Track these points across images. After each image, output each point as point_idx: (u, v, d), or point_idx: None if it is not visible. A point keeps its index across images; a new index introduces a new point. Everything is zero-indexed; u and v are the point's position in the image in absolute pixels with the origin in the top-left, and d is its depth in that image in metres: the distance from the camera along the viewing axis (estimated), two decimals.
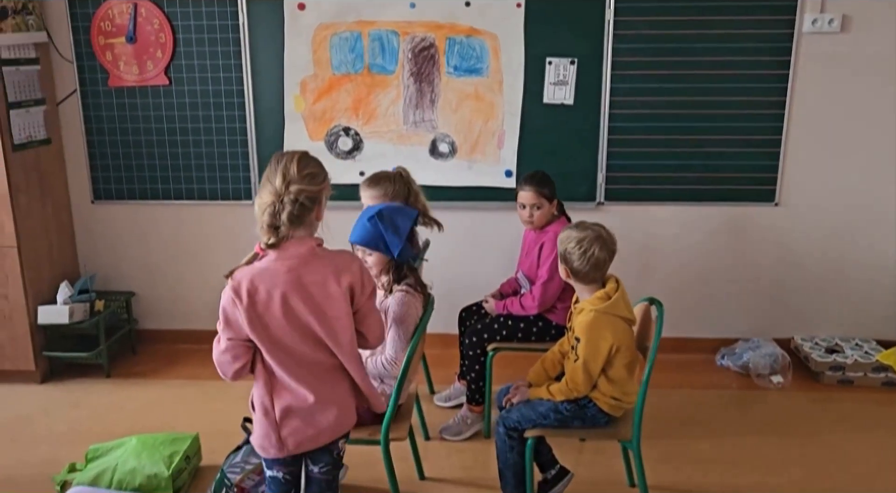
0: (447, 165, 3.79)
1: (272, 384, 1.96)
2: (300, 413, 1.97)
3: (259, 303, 1.87)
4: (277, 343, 1.91)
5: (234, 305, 1.87)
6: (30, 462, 3.00)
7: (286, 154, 1.91)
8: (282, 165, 1.88)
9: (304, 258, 1.91)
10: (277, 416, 1.96)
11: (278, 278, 1.88)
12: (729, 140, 3.69)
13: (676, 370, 3.78)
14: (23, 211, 3.56)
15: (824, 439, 3.16)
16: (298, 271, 1.90)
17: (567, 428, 2.45)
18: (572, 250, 2.39)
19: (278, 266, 1.89)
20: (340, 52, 3.68)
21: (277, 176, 1.86)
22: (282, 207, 1.85)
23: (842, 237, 3.81)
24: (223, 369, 1.97)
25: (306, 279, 1.90)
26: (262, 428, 1.98)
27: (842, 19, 3.52)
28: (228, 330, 1.91)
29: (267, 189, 1.88)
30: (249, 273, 1.88)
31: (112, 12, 3.70)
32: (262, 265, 1.90)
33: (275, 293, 1.88)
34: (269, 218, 1.86)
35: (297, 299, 1.89)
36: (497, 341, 3.10)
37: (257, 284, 1.87)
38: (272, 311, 1.88)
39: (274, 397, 1.96)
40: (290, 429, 1.97)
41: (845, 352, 3.70)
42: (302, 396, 1.96)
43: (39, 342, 3.67)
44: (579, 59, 3.63)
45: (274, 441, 1.98)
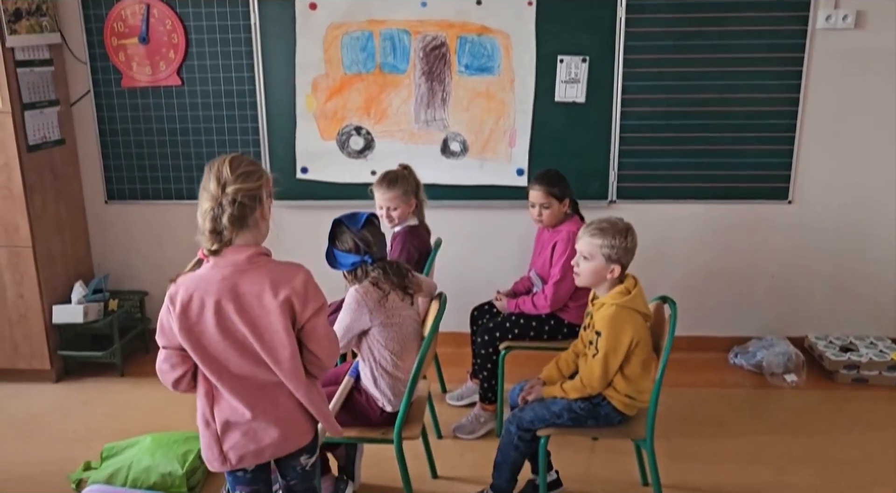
0: (458, 163, 3.79)
1: (213, 396, 1.88)
2: (239, 428, 1.89)
3: (192, 311, 1.80)
4: (210, 355, 1.83)
5: (167, 312, 1.82)
6: (45, 460, 3.02)
7: (217, 159, 1.85)
8: (214, 170, 1.82)
9: (241, 267, 1.83)
10: (218, 428, 1.89)
11: (212, 287, 1.80)
12: (742, 137, 3.67)
13: (689, 369, 3.76)
14: (37, 211, 3.59)
15: (839, 438, 3.14)
16: (233, 279, 1.81)
17: (581, 427, 2.45)
18: (629, 244, 2.37)
19: (214, 274, 1.82)
20: (352, 52, 3.69)
21: (212, 181, 1.80)
22: (221, 210, 1.79)
23: (856, 235, 3.78)
24: (163, 378, 1.91)
25: (241, 289, 1.82)
26: (204, 440, 1.92)
27: (856, 15, 3.49)
28: (162, 337, 1.86)
29: (204, 197, 1.82)
30: (186, 280, 1.82)
31: (125, 13, 3.72)
32: (199, 273, 1.84)
33: (208, 302, 1.80)
34: (211, 223, 1.80)
35: (231, 310, 1.81)
36: (509, 339, 3.10)
37: (191, 291, 1.80)
38: (205, 320, 1.80)
39: (214, 408, 1.88)
40: (231, 443, 1.89)
41: (860, 350, 3.68)
42: (240, 411, 1.87)
43: (54, 342, 3.70)
44: (591, 57, 3.62)
45: (217, 454, 1.91)
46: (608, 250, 2.37)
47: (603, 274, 2.40)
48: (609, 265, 2.39)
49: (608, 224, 2.40)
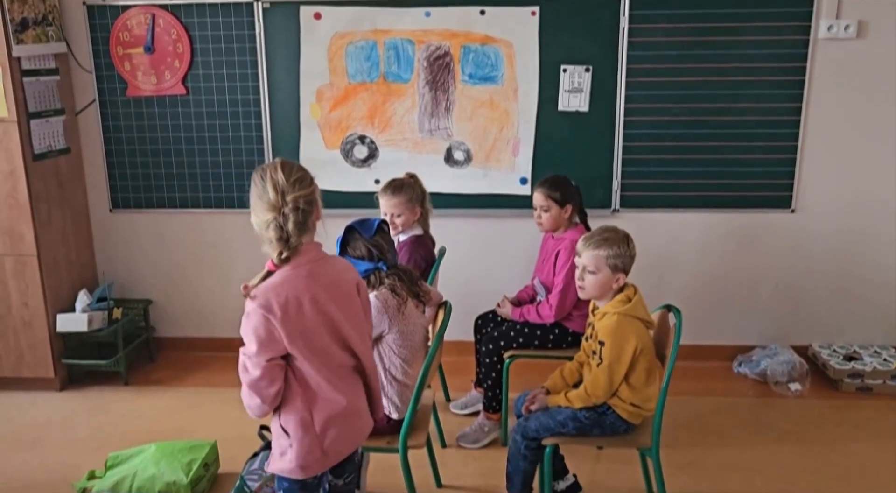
0: (462, 172, 3.80)
1: (308, 398, 1.91)
2: (337, 420, 1.94)
3: (292, 313, 1.83)
4: (314, 349, 1.88)
5: (268, 322, 1.81)
6: (49, 469, 3.03)
7: (266, 167, 1.86)
8: (269, 179, 1.83)
9: (318, 261, 1.91)
10: (318, 428, 1.92)
11: (300, 284, 1.85)
12: (744, 146, 3.68)
13: (693, 378, 3.76)
14: (43, 220, 3.60)
15: (843, 447, 3.14)
16: (317, 273, 1.89)
17: (586, 436, 2.45)
18: (625, 253, 2.38)
19: (298, 273, 1.86)
20: (356, 61, 3.71)
21: (268, 190, 1.81)
22: (284, 219, 1.82)
23: (859, 243, 3.79)
24: (262, 396, 1.87)
25: (325, 280, 1.90)
26: (303, 446, 1.91)
27: (857, 25, 3.51)
28: (266, 351, 1.84)
29: (261, 207, 1.83)
30: (272, 288, 1.83)
31: (130, 23, 3.74)
32: (279, 278, 1.85)
33: (303, 299, 1.84)
34: (277, 232, 1.82)
35: (325, 300, 1.88)
36: (514, 348, 3.10)
37: (283, 295, 1.82)
38: (306, 317, 1.85)
39: (314, 410, 1.91)
40: (331, 438, 1.94)
41: (864, 359, 3.68)
42: (338, 401, 1.93)
43: (58, 350, 3.71)
44: (594, 66, 3.63)
45: (318, 456, 1.93)
46: (614, 259, 2.38)
47: (609, 285, 2.41)
48: (615, 275, 2.40)
49: (610, 234, 2.41)
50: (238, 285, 4.19)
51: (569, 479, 2.68)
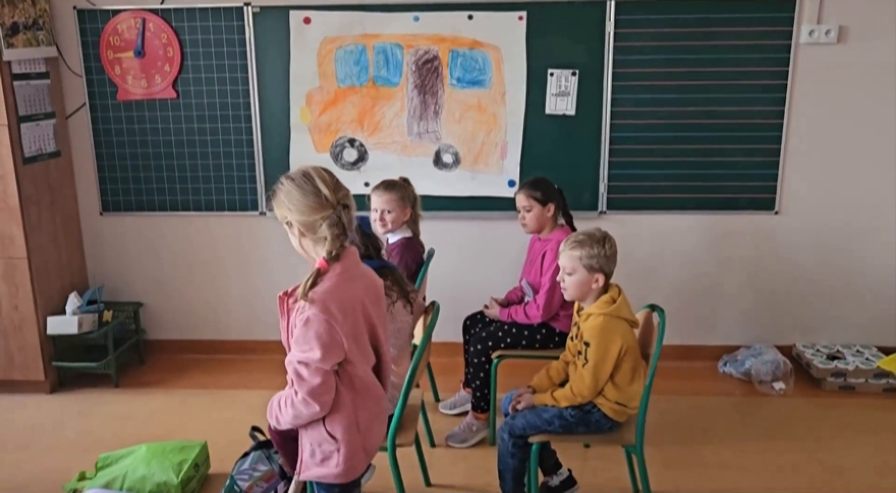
0: (451, 175, 3.84)
1: (355, 399, 1.93)
2: (378, 416, 2.03)
3: (348, 316, 1.85)
4: (362, 351, 1.92)
5: (331, 327, 1.81)
6: (40, 471, 3.04)
7: (303, 171, 1.88)
8: (320, 179, 1.85)
9: (358, 265, 1.96)
10: (363, 428, 1.96)
11: (352, 288, 1.88)
12: (729, 150, 3.74)
13: (679, 378, 3.81)
14: (33, 223, 3.61)
15: (826, 444, 3.19)
16: (359, 276, 1.94)
17: (571, 434, 2.49)
18: (608, 253, 2.41)
19: (346, 276, 1.87)
20: (346, 65, 3.74)
21: (324, 189, 1.84)
22: (337, 216, 1.85)
23: (842, 245, 3.85)
24: (321, 403, 1.86)
25: (365, 282, 1.96)
26: (350, 448, 1.93)
27: (838, 30, 3.57)
28: (331, 356, 1.83)
29: (312, 206, 1.84)
30: (329, 292, 1.83)
31: (121, 27, 3.76)
32: (332, 282, 1.85)
33: (356, 303, 1.89)
34: (334, 229, 1.84)
35: (368, 303, 1.93)
36: (501, 348, 3.14)
37: (339, 298, 1.83)
38: (357, 319, 1.89)
39: (359, 411, 1.94)
40: (373, 436, 2.01)
41: (846, 359, 3.74)
42: (379, 400, 2.00)
43: (49, 353, 3.72)
44: (581, 70, 3.68)
45: (362, 456, 1.98)
46: (588, 260, 2.42)
47: (588, 285, 2.45)
48: (592, 275, 2.43)
49: (584, 236, 2.46)
50: (227, 288, 4.23)
51: (563, 473, 2.72)
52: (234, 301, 4.11)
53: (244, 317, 4.13)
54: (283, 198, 1.87)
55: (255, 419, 3.03)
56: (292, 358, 1.85)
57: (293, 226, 1.89)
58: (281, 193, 1.88)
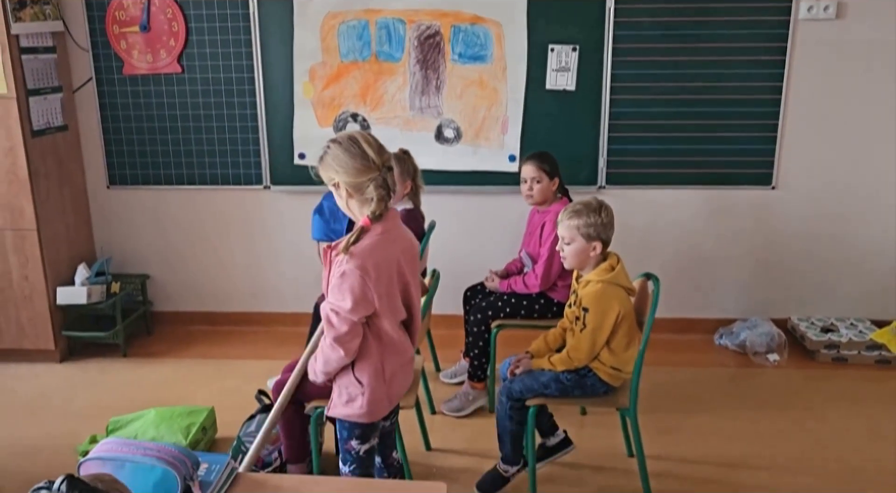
0: (452, 150, 3.89)
1: (382, 350, 2.06)
2: (402, 367, 2.15)
3: (382, 275, 1.96)
4: (392, 308, 2.03)
5: (364, 283, 1.93)
6: (52, 435, 3.13)
7: (348, 135, 1.98)
8: (364, 142, 1.96)
9: (399, 225, 2.08)
10: (388, 377, 2.09)
11: (389, 248, 1.99)
12: (727, 125, 3.78)
13: (676, 350, 3.88)
14: (42, 195, 3.68)
15: (819, 413, 3.26)
16: (398, 237, 2.05)
17: (567, 397, 2.56)
18: (604, 220, 2.47)
19: (385, 237, 1.99)
20: (348, 40, 3.78)
21: (370, 152, 1.95)
22: (385, 176, 1.97)
23: (837, 220, 3.90)
24: (346, 349, 1.99)
25: (403, 244, 2.07)
26: (374, 393, 2.07)
27: (836, 6, 3.60)
28: (360, 309, 1.95)
29: (359, 168, 1.95)
30: (368, 250, 1.94)
31: (126, 2, 3.80)
32: (372, 241, 1.96)
33: (391, 263, 2.00)
34: (381, 190, 1.96)
35: (404, 262, 2.05)
36: (501, 318, 3.21)
37: (376, 258, 1.95)
38: (391, 279, 2.00)
39: (385, 361, 2.07)
40: (396, 384, 2.14)
41: (840, 331, 3.80)
42: (405, 352, 2.13)
43: (58, 322, 3.80)
44: (581, 46, 3.72)
45: (385, 403, 2.12)
46: (585, 228, 2.48)
47: (587, 253, 2.51)
48: (590, 243, 2.50)
49: (581, 205, 2.52)
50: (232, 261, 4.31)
51: (559, 435, 2.80)
52: (238, 274, 4.19)
53: (248, 289, 4.20)
54: (331, 161, 1.98)
55: (259, 387, 3.12)
56: (325, 305, 1.99)
57: (340, 187, 2.00)
58: (328, 156, 1.99)
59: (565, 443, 2.80)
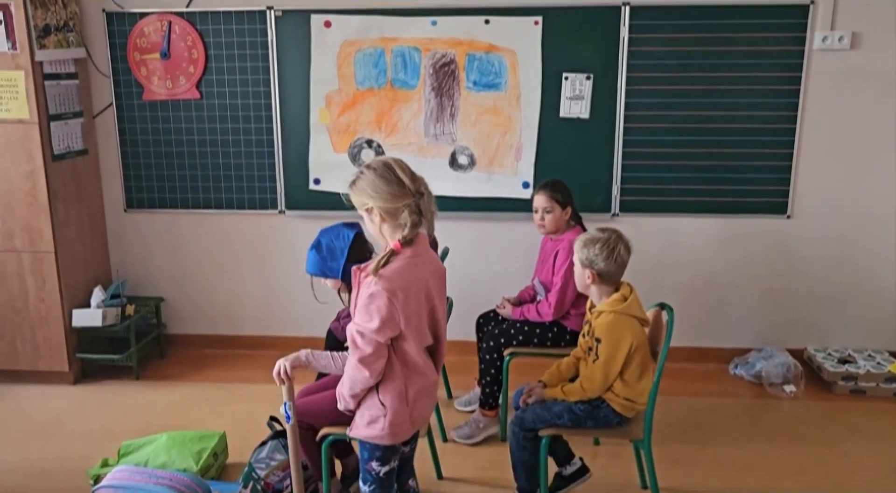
0: (466, 176, 3.91)
1: (407, 373, 2.08)
2: (426, 391, 2.16)
3: (410, 298, 2.00)
4: (418, 331, 2.07)
5: (391, 305, 1.96)
6: (64, 457, 3.14)
7: (391, 161, 2.03)
8: (399, 170, 2.00)
9: (427, 249, 2.11)
10: (411, 400, 2.11)
11: (418, 272, 2.03)
12: (742, 154, 3.78)
13: (690, 379, 3.84)
14: (60, 218, 3.72)
15: (836, 447, 3.21)
16: (427, 262, 2.09)
17: (580, 428, 2.54)
18: (598, 252, 2.48)
19: (415, 261, 2.02)
20: (364, 68, 3.82)
21: (406, 179, 1.99)
22: (418, 201, 2.00)
23: (853, 249, 3.87)
24: (371, 370, 2.02)
25: (431, 268, 2.10)
26: (397, 416, 2.09)
27: (851, 37, 3.60)
28: (386, 330, 1.99)
29: (395, 194, 1.98)
30: (397, 273, 1.98)
31: (147, 30, 3.88)
32: (401, 264, 2.00)
33: (420, 287, 2.04)
34: (416, 216, 2.00)
35: (432, 286, 2.09)
36: (513, 346, 3.19)
37: (405, 281, 1.99)
38: (418, 302, 2.04)
39: (409, 384, 2.09)
40: (419, 408, 2.15)
41: (858, 363, 3.75)
42: (430, 377, 2.14)
43: (73, 344, 3.82)
44: (595, 74, 3.74)
45: (407, 425, 2.13)
46: (580, 256, 2.54)
47: (583, 279, 2.55)
48: (584, 270, 2.53)
49: (587, 236, 2.56)
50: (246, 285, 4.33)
51: (575, 463, 2.76)
52: (252, 298, 4.20)
53: (262, 313, 4.22)
54: (366, 186, 2.02)
55: (271, 413, 3.11)
56: (352, 326, 2.02)
57: (374, 212, 2.03)
58: (363, 181, 2.02)
59: (582, 471, 2.77)
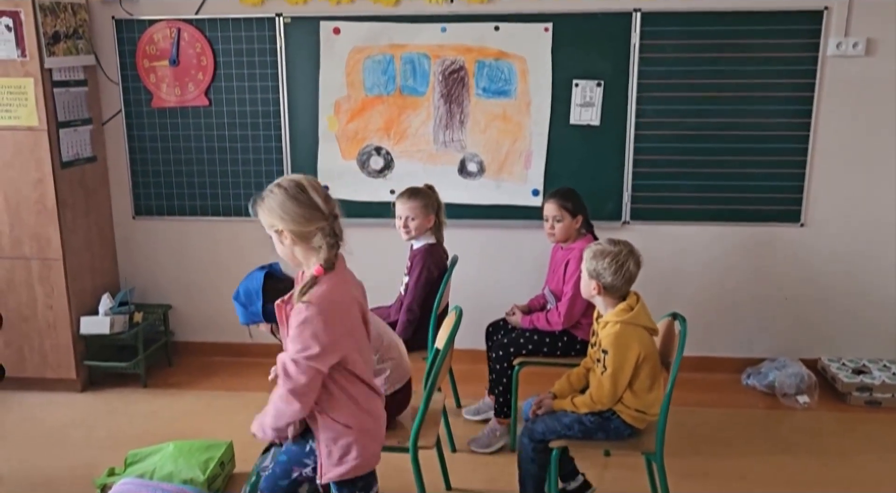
0: (475, 184, 3.89)
1: (361, 394, 2.01)
2: (380, 415, 2.10)
3: (345, 315, 1.93)
4: (361, 348, 2.01)
5: (327, 327, 1.87)
6: (71, 466, 3.12)
7: (303, 180, 1.94)
8: (313, 191, 1.92)
9: (347, 268, 2.04)
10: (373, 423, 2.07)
11: (348, 289, 1.98)
12: (754, 161, 3.74)
13: (702, 390, 3.79)
14: (69, 225, 3.72)
15: (850, 459, 3.16)
16: (355, 281, 2.05)
17: (591, 440, 2.50)
18: (607, 266, 2.45)
19: (341, 278, 1.97)
20: (373, 75, 3.81)
21: (320, 201, 1.91)
22: (332, 224, 1.92)
23: (867, 258, 3.82)
24: (302, 402, 1.90)
25: (356, 283, 2.06)
26: (364, 438, 2.01)
27: (866, 43, 3.56)
28: (328, 355, 1.89)
29: (307, 217, 1.90)
30: (326, 293, 1.89)
31: (156, 37, 3.87)
32: (329, 284, 1.91)
33: (353, 303, 1.98)
34: (331, 238, 1.91)
35: (362, 300, 2.05)
36: (523, 355, 3.16)
37: (337, 298, 1.91)
38: (355, 318, 1.98)
39: (368, 406, 2.03)
40: (381, 432, 2.11)
41: (872, 373, 3.70)
42: (381, 395, 2.10)
43: (80, 352, 3.81)
44: (605, 81, 3.71)
45: (376, 449, 2.08)
46: (588, 266, 2.51)
47: (589, 289, 2.52)
48: (590, 280, 2.50)
49: (598, 247, 2.52)
50: None
51: (578, 479, 2.74)
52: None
53: None
54: (276, 207, 1.91)
55: None
56: (283, 356, 1.90)
57: (284, 234, 1.93)
58: (272, 201, 1.92)
59: (585, 487, 2.73)
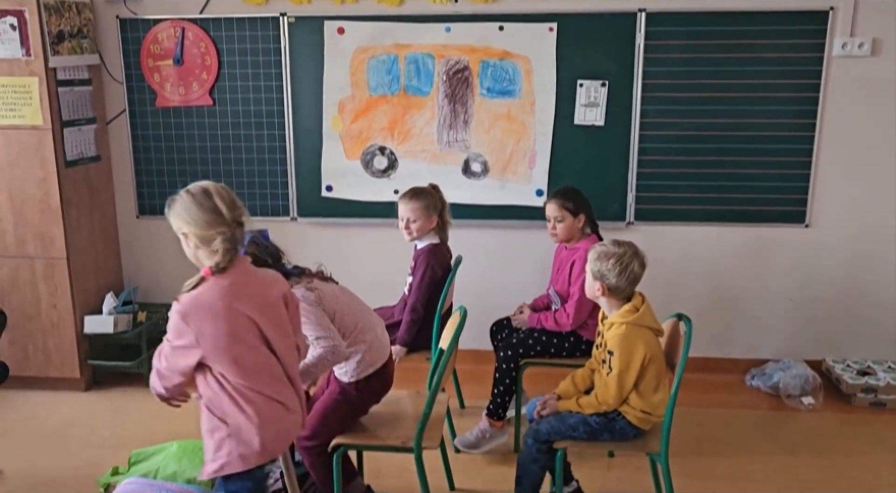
0: (479, 184, 3.88)
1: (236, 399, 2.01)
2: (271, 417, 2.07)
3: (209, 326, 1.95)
4: (237, 355, 2.00)
5: (180, 331, 1.94)
6: (75, 465, 3.12)
7: (210, 187, 1.99)
8: (219, 198, 1.96)
9: (244, 274, 2.04)
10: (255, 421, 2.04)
11: (219, 294, 1.96)
12: (759, 161, 3.73)
13: (706, 390, 3.78)
14: (73, 224, 3.72)
15: (855, 461, 3.15)
16: (241, 283, 2.01)
17: (596, 441, 2.50)
18: (611, 267, 2.44)
19: (221, 283, 1.97)
20: (377, 74, 3.80)
21: (224, 208, 1.95)
22: (234, 231, 1.97)
23: (872, 259, 3.81)
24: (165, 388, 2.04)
25: (248, 291, 2.02)
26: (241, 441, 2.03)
27: (872, 43, 3.55)
28: (176, 355, 1.97)
29: (209, 221, 1.95)
30: (194, 298, 1.95)
31: (161, 36, 3.87)
32: (210, 291, 1.96)
33: (236, 315, 1.97)
34: (227, 244, 1.96)
35: (257, 314, 2.01)
36: (530, 356, 3.15)
37: (205, 309, 1.94)
38: (235, 331, 1.98)
39: (246, 407, 2.02)
40: (270, 435, 2.08)
41: (877, 374, 3.68)
42: (274, 403, 2.07)
43: (84, 351, 3.81)
44: (610, 81, 3.70)
45: (257, 448, 2.04)
46: (592, 267, 2.50)
47: (593, 290, 2.51)
48: (595, 281, 2.49)
49: (602, 248, 2.51)
50: None
51: (572, 485, 2.73)
52: None
53: None
54: (182, 211, 1.98)
55: None
56: (166, 337, 2.00)
57: (189, 237, 2.00)
58: (179, 206, 1.99)
59: None
